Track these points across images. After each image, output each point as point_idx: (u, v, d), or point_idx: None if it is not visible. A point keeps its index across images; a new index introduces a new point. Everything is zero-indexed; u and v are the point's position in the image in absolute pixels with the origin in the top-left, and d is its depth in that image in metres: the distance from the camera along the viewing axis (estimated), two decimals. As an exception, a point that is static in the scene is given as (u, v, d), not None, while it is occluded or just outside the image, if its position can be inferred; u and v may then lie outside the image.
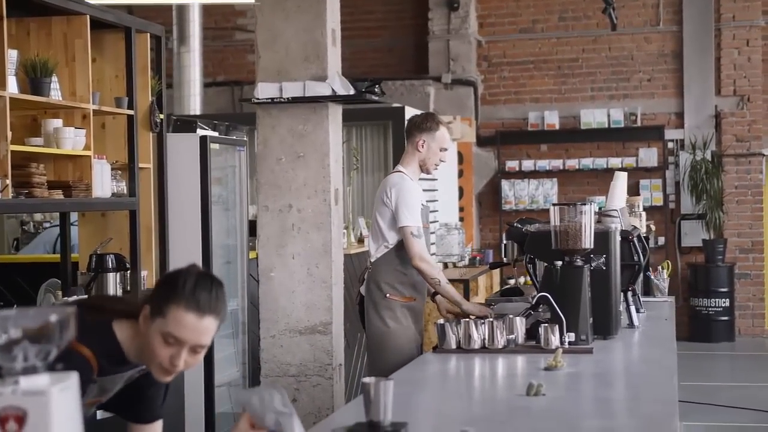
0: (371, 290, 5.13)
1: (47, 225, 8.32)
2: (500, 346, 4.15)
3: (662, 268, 6.34)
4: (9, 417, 1.67)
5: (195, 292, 2.51)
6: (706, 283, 12.06)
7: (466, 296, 8.73)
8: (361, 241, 7.97)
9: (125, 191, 5.45)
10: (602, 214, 5.05)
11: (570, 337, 4.18)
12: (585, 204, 4.35)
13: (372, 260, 5.15)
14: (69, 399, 1.74)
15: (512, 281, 11.31)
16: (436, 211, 10.20)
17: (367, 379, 2.67)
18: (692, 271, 12.21)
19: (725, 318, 12.04)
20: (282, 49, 5.57)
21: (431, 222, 6.09)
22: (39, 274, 5.83)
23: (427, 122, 5.17)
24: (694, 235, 12.34)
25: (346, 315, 5.88)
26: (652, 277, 6.26)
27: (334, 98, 5.54)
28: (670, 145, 12.50)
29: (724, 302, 12.01)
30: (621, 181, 5.43)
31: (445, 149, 5.19)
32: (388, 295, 5.07)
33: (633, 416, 3.05)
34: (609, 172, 12.19)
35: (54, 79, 4.84)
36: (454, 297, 5.02)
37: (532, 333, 4.26)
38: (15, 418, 1.67)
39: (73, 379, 1.76)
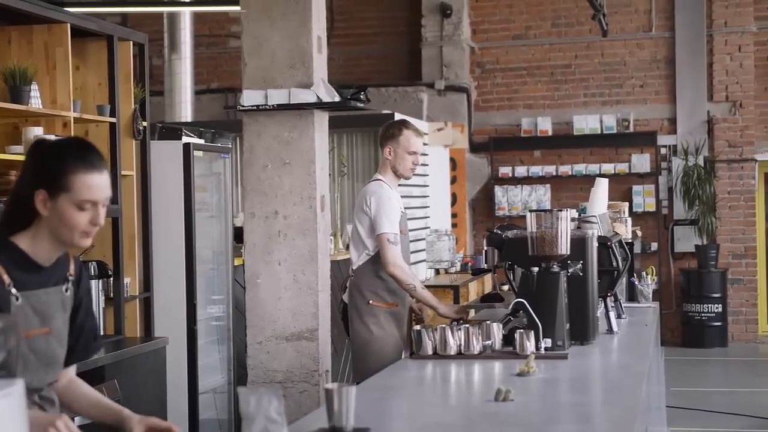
0: (354, 297, 5.21)
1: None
2: (476, 352, 4.16)
3: (646, 274, 6.34)
4: (-50, 423, 1.69)
5: (84, 156, 2.63)
6: (699, 288, 12.06)
7: (456, 302, 8.74)
8: (348, 247, 7.99)
9: (108, 198, 5.46)
10: (581, 220, 5.06)
11: (546, 342, 4.19)
12: (561, 210, 4.35)
13: (354, 267, 5.26)
14: (12, 406, 1.75)
15: (506, 287, 11.31)
16: (428, 217, 10.22)
17: (329, 385, 2.69)
18: (685, 277, 12.22)
19: (718, 323, 12.05)
20: (268, 56, 5.59)
21: (410, 230, 6.12)
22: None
23: (390, 129, 5.32)
24: (686, 240, 12.35)
25: (333, 321, 5.89)
26: (637, 283, 6.26)
27: (320, 105, 5.55)
28: (663, 150, 12.51)
29: (717, 308, 12.02)
30: (602, 187, 5.45)
31: (414, 152, 5.28)
32: (370, 301, 5.17)
33: (596, 421, 3.07)
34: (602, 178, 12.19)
35: (34, 87, 4.86)
36: (430, 302, 5.10)
37: (509, 339, 4.26)
38: (-44, 424, 1.69)
39: (18, 385, 1.78)
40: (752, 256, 12.40)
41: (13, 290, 2.60)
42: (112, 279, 5.47)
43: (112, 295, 5.49)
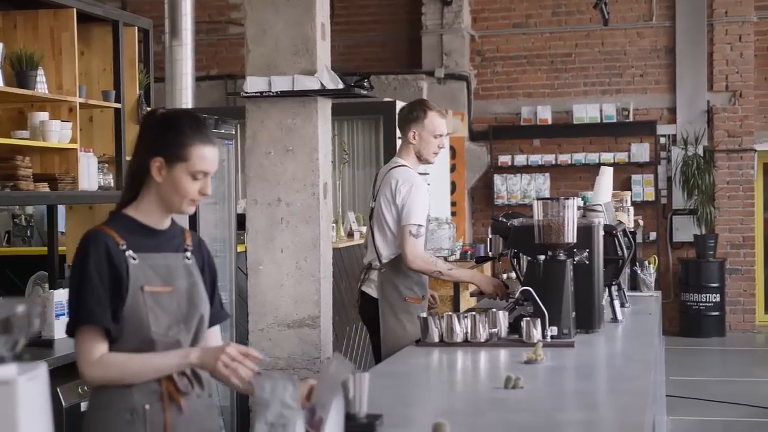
0: (388, 293, 4.99)
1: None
2: (483, 340, 4.17)
3: (649, 263, 6.36)
4: (-25, 406, 1.69)
5: (201, 129, 2.79)
6: (697, 278, 12.09)
7: (456, 290, 8.71)
8: (350, 235, 7.99)
9: (112, 184, 5.46)
10: (587, 209, 5.07)
11: (552, 330, 4.20)
12: (568, 199, 4.36)
13: (384, 260, 5.00)
14: (37, 388, 1.75)
15: (505, 275, 11.32)
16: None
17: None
18: (683, 266, 12.24)
19: (716, 313, 12.08)
20: (271, 42, 5.58)
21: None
22: (28, 267, 5.85)
23: (413, 111, 5.06)
24: (685, 230, 12.37)
25: (334, 309, 5.89)
26: (639, 272, 6.28)
27: (323, 92, 5.54)
28: (663, 140, 12.53)
29: (715, 297, 12.05)
30: (606, 176, 5.46)
31: (440, 135, 5.05)
32: (407, 298, 4.97)
33: (606, 409, 3.08)
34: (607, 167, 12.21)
35: (40, 72, 4.85)
36: (463, 279, 4.98)
37: (515, 327, 4.28)
38: (-19, 407, 1.69)
39: (41, 369, 1.78)
40: (750, 246, 12.43)
41: (129, 251, 2.74)
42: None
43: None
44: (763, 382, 9.81)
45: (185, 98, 10.73)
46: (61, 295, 5.03)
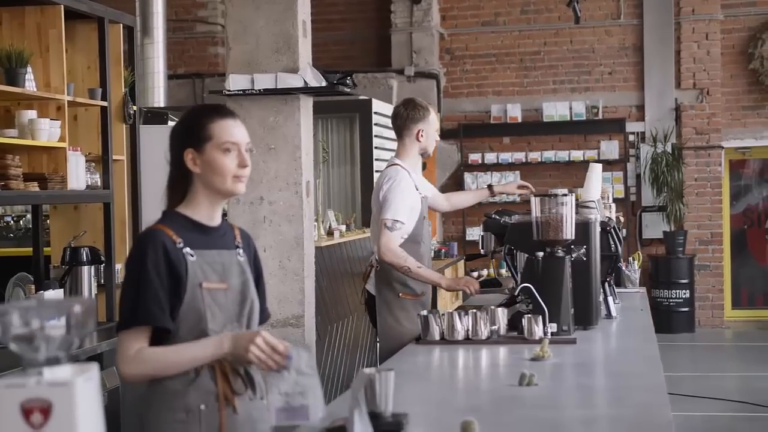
0: (382, 290, 5.01)
1: (7, 217, 8.20)
2: (484, 338, 4.17)
3: (633, 260, 6.40)
4: (34, 409, 1.66)
5: (216, 109, 2.84)
6: (667, 274, 12.19)
7: (434, 288, 8.67)
8: (330, 233, 7.96)
9: (99, 183, 5.38)
10: (580, 206, 5.08)
11: (552, 327, 4.20)
12: (566, 195, 4.36)
13: (378, 258, 5.01)
14: (92, 389, 1.72)
15: (475, 273, 11.35)
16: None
17: (368, 370, 2.66)
18: (653, 263, 12.33)
19: (685, 309, 12.18)
20: (253, 40, 5.55)
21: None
22: (10, 268, 5.75)
23: (418, 110, 5.11)
24: (654, 227, 12.46)
25: (317, 308, 5.87)
26: (624, 268, 6.31)
27: (306, 90, 5.51)
28: (631, 137, 12.61)
29: (685, 293, 12.15)
30: (596, 172, 5.48)
31: (437, 129, 5.21)
32: (401, 294, 4.99)
33: (626, 406, 3.07)
34: (571, 165, 12.33)
35: (29, 69, 4.77)
36: (431, 279, 5.01)
37: (513, 324, 4.28)
38: (40, 409, 1.66)
39: (94, 370, 1.75)
40: (719, 243, 12.55)
41: (186, 249, 2.74)
42: (104, 265, 5.38)
43: (103, 281, 5.41)
44: (733, 376, 9.92)
45: (157, 97, 10.66)
46: (52, 297, 4.96)
